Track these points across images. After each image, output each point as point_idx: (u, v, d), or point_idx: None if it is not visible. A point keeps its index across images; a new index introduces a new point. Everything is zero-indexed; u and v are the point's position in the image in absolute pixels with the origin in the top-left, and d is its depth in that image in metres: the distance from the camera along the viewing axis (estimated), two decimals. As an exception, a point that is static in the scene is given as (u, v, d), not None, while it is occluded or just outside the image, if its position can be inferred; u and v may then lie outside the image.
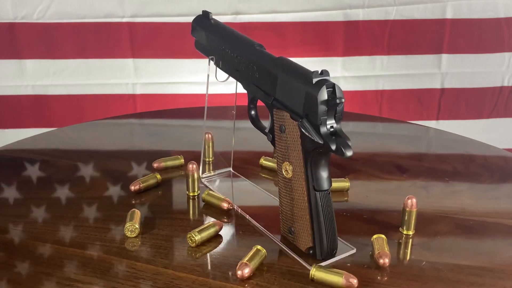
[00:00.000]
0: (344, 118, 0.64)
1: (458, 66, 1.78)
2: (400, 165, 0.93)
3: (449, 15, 1.72)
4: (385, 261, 0.63)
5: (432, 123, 1.83)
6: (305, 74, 0.59)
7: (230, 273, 0.62)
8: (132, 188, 0.82)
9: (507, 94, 1.82)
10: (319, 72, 0.59)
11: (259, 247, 0.64)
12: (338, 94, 0.57)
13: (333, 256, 0.65)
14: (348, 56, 1.76)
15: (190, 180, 0.80)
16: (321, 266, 0.61)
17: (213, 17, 0.79)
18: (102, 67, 1.72)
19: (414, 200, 0.70)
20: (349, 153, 0.57)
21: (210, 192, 0.79)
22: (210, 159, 0.94)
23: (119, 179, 0.87)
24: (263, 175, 0.90)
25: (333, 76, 1.83)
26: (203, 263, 0.65)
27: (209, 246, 0.69)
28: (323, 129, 0.58)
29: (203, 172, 0.88)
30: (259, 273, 0.62)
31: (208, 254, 0.67)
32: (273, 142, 0.67)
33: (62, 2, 1.64)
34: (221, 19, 0.82)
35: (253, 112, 0.73)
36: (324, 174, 0.62)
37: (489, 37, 1.76)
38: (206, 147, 0.93)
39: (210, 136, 0.94)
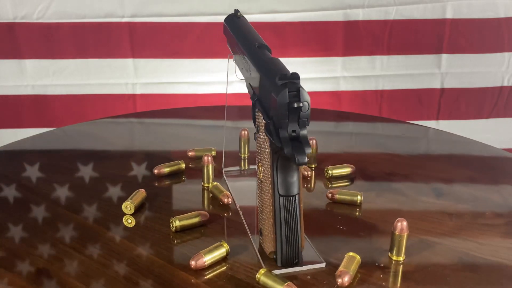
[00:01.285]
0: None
1: (458, 66, 1.78)
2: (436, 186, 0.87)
3: (449, 15, 1.72)
4: (343, 280, 0.59)
5: (432, 123, 1.83)
6: (275, 76, 0.58)
7: (190, 262, 0.63)
8: (156, 171, 0.87)
9: (507, 94, 1.82)
10: (288, 75, 0.57)
11: (223, 242, 0.65)
12: (302, 98, 0.56)
13: (294, 265, 0.62)
14: (348, 56, 1.76)
15: (204, 171, 0.83)
16: (269, 272, 0.60)
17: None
18: (102, 67, 1.72)
19: (404, 223, 0.64)
20: (301, 160, 0.55)
21: (217, 185, 0.81)
22: (246, 155, 0.96)
23: (119, 179, 0.87)
24: None
25: (333, 76, 1.85)
26: (172, 248, 0.67)
27: (191, 235, 0.70)
28: (282, 133, 0.56)
29: (226, 166, 0.89)
30: (215, 267, 0.63)
31: (184, 241, 0.69)
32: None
33: (62, 2, 1.64)
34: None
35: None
36: (289, 179, 0.59)
37: (489, 37, 1.76)
38: (242, 143, 0.95)
39: (246, 132, 0.96)
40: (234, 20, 0.81)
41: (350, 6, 1.71)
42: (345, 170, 0.89)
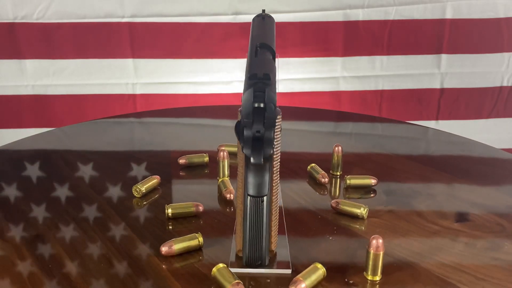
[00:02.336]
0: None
1: (458, 66, 1.78)
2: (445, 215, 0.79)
3: (448, 15, 1.73)
4: None
5: (431, 123, 1.83)
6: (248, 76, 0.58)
7: (161, 248, 0.65)
8: (180, 161, 0.91)
9: (507, 94, 1.82)
10: (259, 75, 0.57)
11: (199, 235, 0.66)
12: (267, 99, 0.55)
13: (257, 266, 0.61)
14: (348, 56, 1.77)
15: (220, 165, 0.86)
16: (226, 269, 0.59)
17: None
18: (102, 67, 1.72)
19: (380, 241, 0.60)
20: (255, 160, 0.55)
21: (226, 180, 0.83)
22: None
23: (119, 179, 0.87)
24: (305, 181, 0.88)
25: (333, 76, 1.86)
26: (157, 233, 0.70)
27: (183, 224, 0.73)
28: (246, 132, 0.56)
29: None
30: (185, 257, 0.65)
31: (176, 230, 0.71)
32: None
33: (62, 2, 1.65)
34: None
35: None
36: (258, 179, 0.59)
37: (488, 37, 1.76)
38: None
39: (340, 149, 0.92)
40: (257, 20, 0.81)
41: (350, 6, 1.71)
42: (366, 181, 0.84)
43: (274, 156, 0.61)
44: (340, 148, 0.89)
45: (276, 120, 0.59)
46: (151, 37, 1.71)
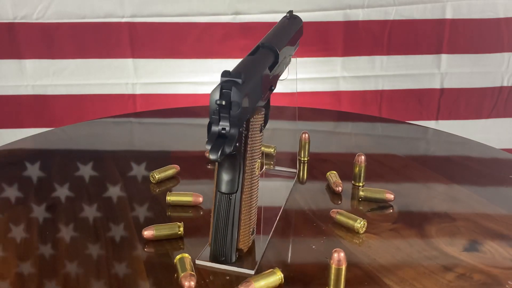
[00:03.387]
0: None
1: (458, 66, 1.78)
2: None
3: (448, 15, 1.73)
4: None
5: (431, 123, 1.83)
6: None
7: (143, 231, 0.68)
8: (207, 155, 0.92)
9: (507, 94, 1.82)
10: (232, 73, 0.58)
11: (180, 225, 0.68)
12: (232, 97, 0.56)
13: (221, 262, 0.62)
14: (347, 56, 1.77)
15: None
16: (187, 259, 0.60)
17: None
18: (101, 67, 1.72)
19: (342, 254, 0.56)
20: (211, 156, 0.55)
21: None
22: (306, 159, 0.93)
23: (119, 179, 0.87)
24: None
25: (333, 76, 1.85)
26: (150, 218, 0.74)
27: (181, 212, 0.76)
28: (213, 128, 0.58)
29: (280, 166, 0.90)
30: (163, 244, 0.68)
31: (173, 217, 0.75)
32: None
33: (62, 2, 1.64)
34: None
35: None
36: (225, 176, 0.60)
37: (488, 37, 1.76)
38: (301, 146, 0.93)
39: (307, 136, 0.93)
40: (282, 21, 0.82)
41: (350, 6, 1.71)
42: (381, 195, 0.79)
43: (251, 155, 0.61)
44: (363, 157, 0.84)
45: (254, 120, 0.60)
46: (151, 37, 1.71)
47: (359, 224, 0.70)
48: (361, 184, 0.85)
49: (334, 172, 0.86)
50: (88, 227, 0.72)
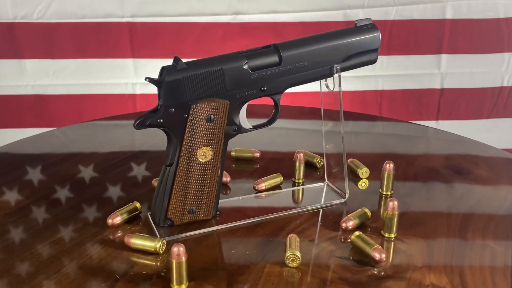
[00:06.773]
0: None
1: (458, 66, 1.78)
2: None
3: (448, 15, 1.72)
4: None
5: (431, 123, 1.83)
6: None
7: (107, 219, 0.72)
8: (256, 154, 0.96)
9: (507, 94, 1.82)
10: (175, 64, 0.72)
11: (137, 204, 0.74)
12: (161, 77, 0.71)
13: (155, 224, 0.72)
14: (347, 56, 1.76)
15: (296, 166, 0.87)
16: (139, 235, 0.67)
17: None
18: (101, 67, 1.72)
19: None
20: (134, 123, 0.67)
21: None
22: (389, 193, 0.82)
23: (119, 179, 0.87)
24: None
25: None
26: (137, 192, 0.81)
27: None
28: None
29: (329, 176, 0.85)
30: (129, 226, 0.72)
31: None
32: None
33: (62, 2, 1.64)
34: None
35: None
36: (165, 149, 0.71)
37: (488, 37, 1.76)
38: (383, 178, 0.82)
39: (391, 166, 0.80)
40: (347, 28, 0.83)
41: (350, 6, 1.71)
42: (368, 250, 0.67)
43: (189, 137, 0.68)
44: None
45: (198, 107, 0.67)
46: (151, 37, 1.71)
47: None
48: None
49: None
50: (88, 227, 0.72)
